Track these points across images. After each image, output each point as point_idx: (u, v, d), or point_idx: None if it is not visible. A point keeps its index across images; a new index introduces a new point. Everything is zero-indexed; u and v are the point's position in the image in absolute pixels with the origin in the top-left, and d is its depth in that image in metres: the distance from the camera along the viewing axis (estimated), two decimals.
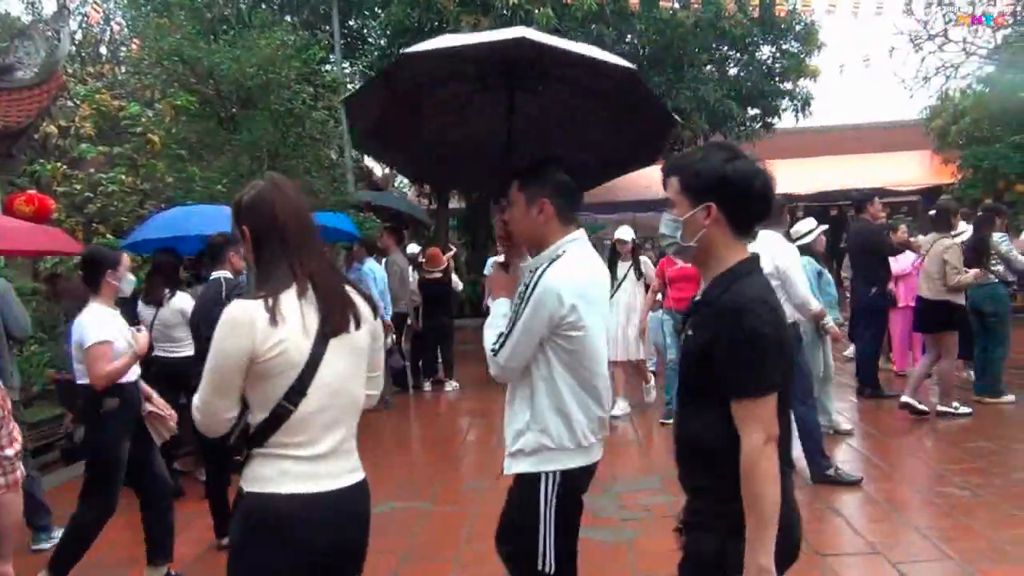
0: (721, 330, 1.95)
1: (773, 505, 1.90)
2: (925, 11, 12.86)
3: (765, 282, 2.07)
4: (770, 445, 1.91)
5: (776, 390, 1.94)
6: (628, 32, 14.07)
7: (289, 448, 2.06)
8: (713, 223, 2.02)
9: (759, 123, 17.47)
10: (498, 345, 2.60)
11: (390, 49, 14.86)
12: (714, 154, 2.06)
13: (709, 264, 2.08)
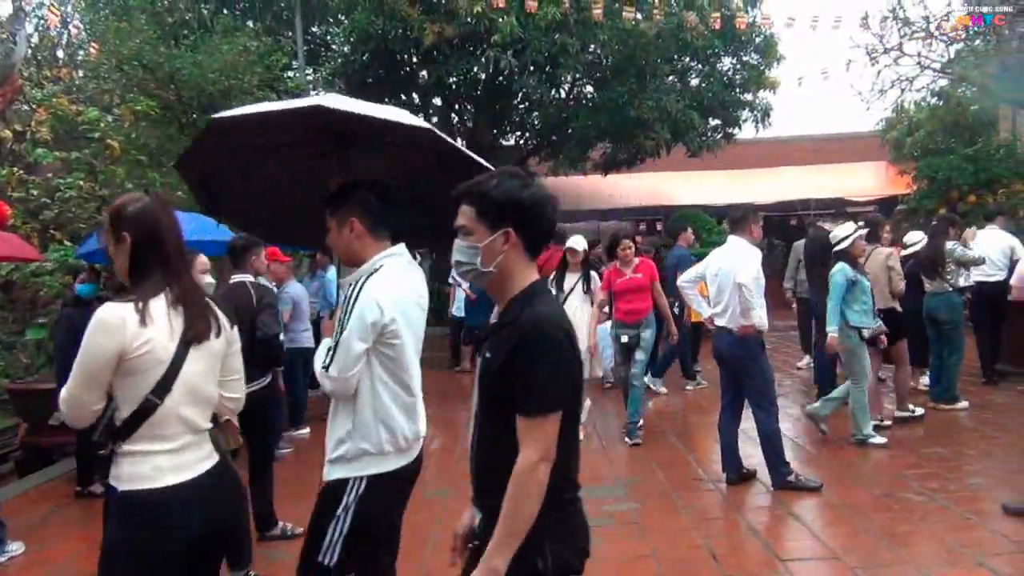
0: (519, 349, 1.99)
1: (527, 520, 1.95)
2: (881, 25, 13.09)
3: (554, 304, 2.14)
4: (543, 464, 1.94)
5: (561, 409, 1.98)
6: (591, 42, 14.16)
7: (155, 442, 2.26)
8: (511, 248, 2.08)
9: (720, 133, 17.69)
10: (328, 360, 2.70)
11: (353, 56, 14.82)
12: (509, 181, 2.10)
13: (505, 287, 2.12)
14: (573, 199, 21.05)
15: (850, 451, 6.68)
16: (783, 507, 5.35)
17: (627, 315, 7.19)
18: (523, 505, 1.95)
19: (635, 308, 7.20)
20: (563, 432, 2.01)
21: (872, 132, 21.14)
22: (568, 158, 18.63)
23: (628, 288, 7.21)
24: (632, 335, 7.17)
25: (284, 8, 14.39)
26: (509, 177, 2.12)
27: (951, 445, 6.51)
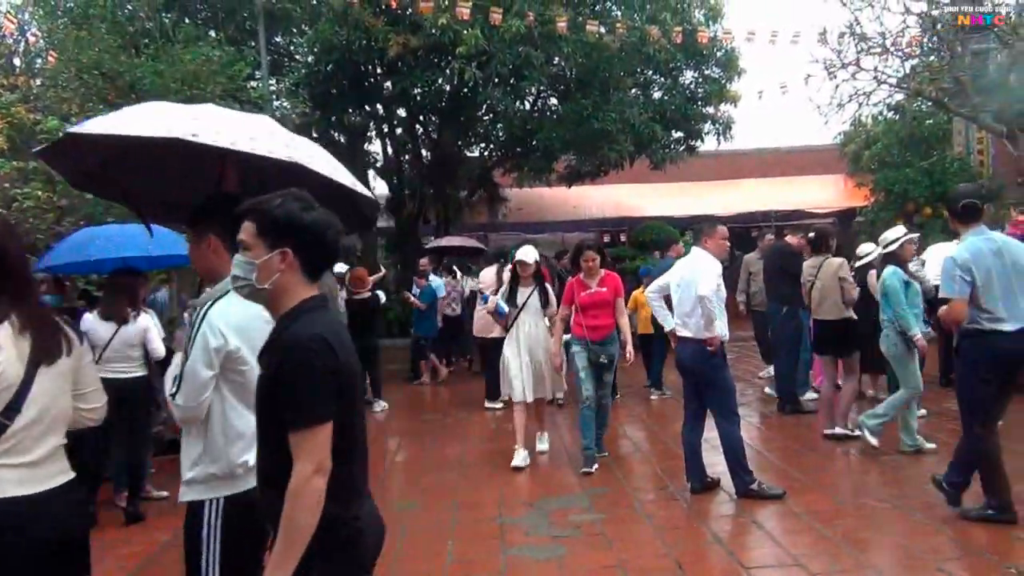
0: (279, 365, 2.04)
1: (305, 534, 1.98)
2: (838, 41, 13.34)
3: (328, 319, 2.18)
4: (318, 476, 1.98)
5: (326, 422, 2.01)
6: (556, 55, 14.24)
7: (6, 457, 2.30)
8: (288, 268, 2.13)
9: (683, 146, 17.86)
10: (175, 388, 2.70)
11: (317, 66, 14.75)
12: (291, 203, 2.16)
13: (280, 305, 2.17)
14: (537, 211, 21.16)
15: (812, 459, 6.77)
16: (746, 515, 5.40)
17: (592, 331, 6.67)
18: (300, 518, 1.98)
19: (601, 324, 6.71)
20: (342, 443, 2.06)
21: (831, 145, 21.55)
22: (533, 169, 18.69)
23: (593, 302, 6.70)
24: (604, 353, 6.67)
25: (247, 18, 14.28)
26: (293, 199, 2.17)
27: (911, 453, 6.62)
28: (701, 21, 15.82)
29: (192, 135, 2.79)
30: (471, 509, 5.81)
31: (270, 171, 3.12)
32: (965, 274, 4.71)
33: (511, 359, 7.02)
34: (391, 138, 18.77)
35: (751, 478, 5.73)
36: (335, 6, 13.35)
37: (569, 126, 15.13)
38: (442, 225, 18.86)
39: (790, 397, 8.50)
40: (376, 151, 19.73)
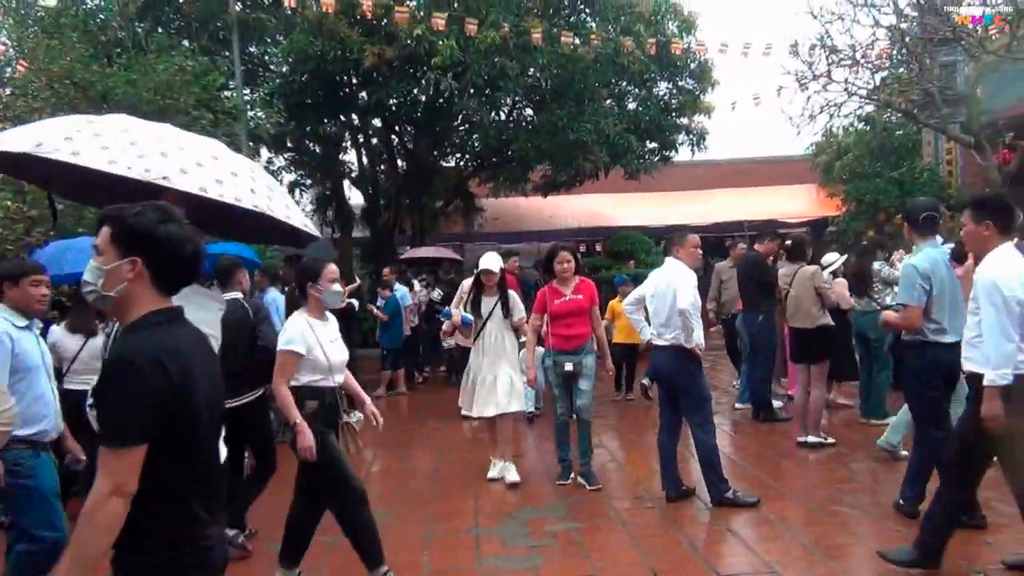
0: (100, 378, 2.04)
1: (94, 555, 1.93)
2: (810, 53, 13.49)
3: (173, 334, 2.12)
4: (115, 498, 1.92)
5: (135, 444, 1.95)
6: (531, 66, 14.31)
7: None
8: (136, 277, 2.10)
9: (657, 156, 17.97)
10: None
11: (292, 77, 14.70)
12: (149, 213, 2.13)
13: (127, 315, 2.13)
14: (513, 220, 21.20)
15: (786, 467, 6.82)
16: (722, 523, 5.43)
17: (566, 341, 6.33)
18: (89, 539, 1.92)
19: (576, 333, 6.35)
20: (175, 464, 2.02)
21: (803, 156, 21.78)
22: (508, 179, 18.75)
23: (567, 311, 6.34)
24: (575, 362, 6.30)
25: (221, 28, 14.22)
26: (153, 210, 2.15)
27: (882, 460, 6.69)
28: (675, 33, 15.97)
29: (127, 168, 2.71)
30: (447, 519, 5.79)
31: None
32: (925, 283, 4.83)
33: (473, 371, 6.73)
34: (366, 148, 18.75)
35: (726, 486, 5.77)
36: (310, 17, 13.33)
37: (544, 136, 15.20)
38: (418, 235, 18.85)
39: (765, 405, 8.57)
40: (351, 161, 19.70)
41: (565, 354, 6.33)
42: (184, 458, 2.06)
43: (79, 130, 2.78)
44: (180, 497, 2.05)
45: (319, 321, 4.36)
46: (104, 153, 2.74)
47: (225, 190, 2.90)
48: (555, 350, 6.40)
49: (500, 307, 6.65)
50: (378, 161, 19.15)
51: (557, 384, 6.47)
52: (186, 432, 2.06)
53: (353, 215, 19.98)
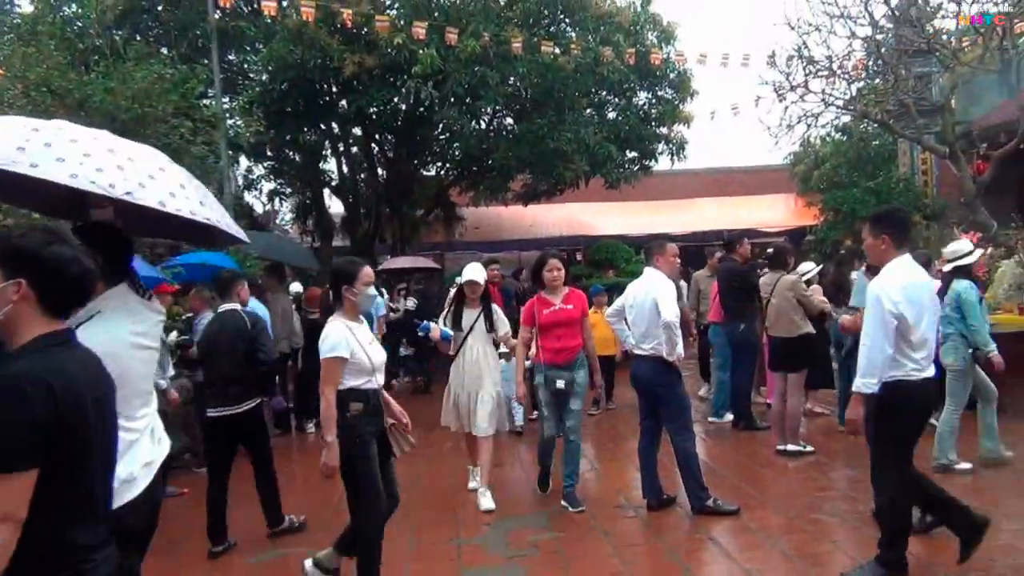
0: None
1: None
2: (787, 63, 13.60)
3: (63, 358, 2.10)
4: (3, 525, 1.89)
5: (17, 470, 1.91)
6: (511, 75, 14.36)
7: None
8: (22, 299, 2.08)
9: (637, 165, 18.06)
10: None
11: (271, 85, 14.67)
12: (35, 235, 2.13)
13: (15, 338, 2.11)
14: (494, 229, 21.23)
15: (765, 475, 6.85)
16: (702, 531, 5.45)
17: (556, 355, 5.97)
18: None
19: (566, 346, 6.01)
20: (61, 490, 1.99)
21: (781, 165, 21.97)
22: (489, 188, 18.77)
23: (556, 322, 5.97)
24: (566, 378, 5.96)
25: (200, 36, 14.16)
26: (40, 232, 2.15)
27: (860, 468, 6.71)
28: (654, 43, 16.07)
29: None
30: (428, 530, 5.77)
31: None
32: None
33: (454, 389, 6.41)
34: (346, 157, 18.73)
35: (706, 494, 5.78)
36: (290, 25, 13.32)
37: (525, 145, 15.24)
38: (398, 244, 18.82)
39: (744, 414, 8.61)
40: (331, 170, 19.67)
41: (556, 369, 5.97)
42: (71, 483, 2.03)
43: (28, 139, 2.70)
44: (64, 522, 2.02)
45: (355, 324, 4.35)
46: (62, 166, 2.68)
47: (181, 204, 2.87)
48: (545, 364, 6.02)
49: (483, 320, 6.35)
50: (358, 170, 19.14)
51: (547, 401, 6.08)
52: (74, 456, 2.03)
53: (333, 224, 19.94)
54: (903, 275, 4.21)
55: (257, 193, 20.24)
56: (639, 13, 15.82)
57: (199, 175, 10.12)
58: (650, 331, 5.80)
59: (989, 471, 6.42)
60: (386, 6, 14.91)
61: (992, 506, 5.45)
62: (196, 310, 8.03)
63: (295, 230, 22.30)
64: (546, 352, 6.00)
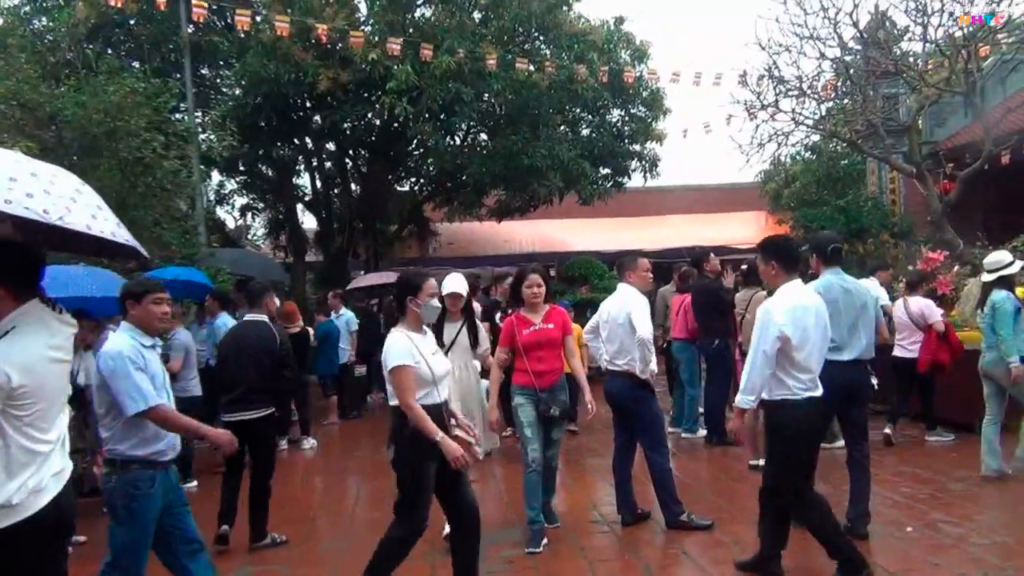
0: None
1: None
2: (758, 83, 13.79)
3: None
4: None
5: None
6: (485, 91, 14.44)
7: None
8: None
9: (610, 182, 18.20)
10: None
11: (245, 99, 14.63)
12: None
13: None
14: (468, 245, 21.25)
15: (739, 489, 6.88)
16: (676, 546, 5.46)
17: (539, 377, 5.54)
18: None
19: (548, 368, 5.59)
20: None
21: (752, 183, 22.22)
22: (463, 204, 18.81)
23: (537, 342, 5.57)
24: (555, 404, 5.57)
25: (173, 50, 14.11)
26: None
27: (833, 482, 6.78)
28: (627, 61, 16.25)
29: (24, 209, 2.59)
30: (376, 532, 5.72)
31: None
32: None
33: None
34: (320, 172, 18.69)
35: (680, 509, 5.80)
36: (264, 40, 13.30)
37: (499, 161, 15.31)
38: (372, 259, 18.78)
39: (718, 429, 8.64)
40: (305, 185, 19.61)
41: (543, 393, 5.53)
42: None
43: None
44: None
45: (418, 335, 4.34)
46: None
47: (103, 226, 2.87)
48: (525, 387, 5.57)
49: (466, 335, 6.05)
50: (332, 185, 19.11)
51: (529, 425, 5.56)
52: None
53: (306, 239, 19.86)
54: (791, 298, 4.45)
55: (229, 208, 20.16)
56: (613, 32, 15.99)
57: (171, 189, 10.13)
58: (624, 347, 5.80)
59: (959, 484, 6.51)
60: (361, 22, 14.96)
61: (966, 519, 5.55)
62: (168, 328, 7.94)
63: (267, 245, 22.18)
64: (529, 375, 5.54)
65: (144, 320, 3.99)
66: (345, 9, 14.44)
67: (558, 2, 14.85)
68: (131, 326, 3.98)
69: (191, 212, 11.77)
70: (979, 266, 10.02)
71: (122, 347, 3.85)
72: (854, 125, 14.42)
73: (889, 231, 15.27)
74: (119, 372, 3.78)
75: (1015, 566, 4.71)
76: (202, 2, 11.55)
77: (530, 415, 5.55)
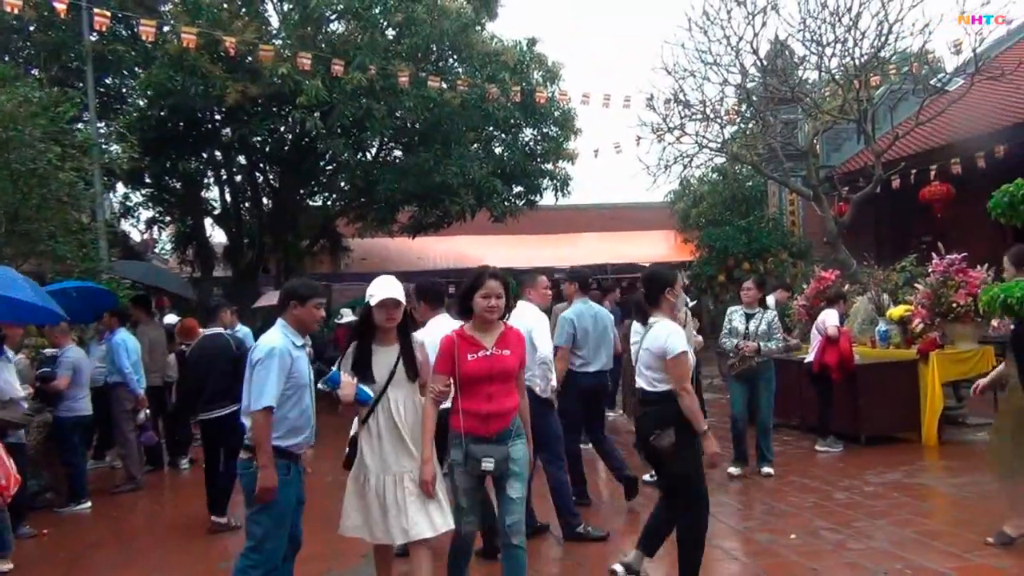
0: None
1: None
2: (665, 106, 14.23)
3: None
4: None
5: None
6: (398, 108, 14.48)
7: None
8: None
9: (523, 200, 18.38)
10: None
11: (150, 111, 14.31)
12: None
13: None
14: (381, 261, 21.13)
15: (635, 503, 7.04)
16: (572, 558, 5.57)
17: (485, 422, 4.07)
18: None
19: (500, 408, 4.11)
20: None
21: (663, 203, 22.80)
22: (376, 220, 18.75)
23: (488, 373, 4.09)
24: (497, 456, 4.06)
25: (74, 58, 13.72)
26: None
27: (728, 494, 7.04)
28: (539, 81, 16.48)
29: None
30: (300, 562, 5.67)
31: None
32: (571, 328, 6.57)
33: (366, 471, 4.17)
34: (230, 185, 18.36)
35: (577, 521, 5.93)
36: (170, 51, 13.05)
37: (411, 178, 15.35)
38: (282, 275, 18.52)
39: None
40: (214, 198, 19.23)
41: (482, 443, 4.07)
42: None
43: None
44: None
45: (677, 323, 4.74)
46: None
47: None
48: (468, 435, 4.08)
49: (403, 364, 4.20)
50: (242, 199, 18.79)
51: (466, 488, 4.17)
52: None
53: (215, 254, 19.45)
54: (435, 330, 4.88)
55: (135, 221, 19.57)
56: (525, 52, 16.22)
57: (68, 201, 9.82)
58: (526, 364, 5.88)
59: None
60: (272, 35, 14.83)
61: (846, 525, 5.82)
62: (58, 344, 7.76)
63: (175, 259, 21.63)
64: (470, 417, 4.07)
65: (304, 321, 4.23)
66: (256, 22, 14.32)
67: (471, 22, 15.02)
68: (286, 324, 4.20)
69: (92, 224, 11.41)
70: (868, 285, 10.56)
71: (276, 343, 4.08)
72: (756, 149, 14.99)
73: (788, 251, 15.90)
74: (264, 365, 4.01)
75: (884, 568, 4.98)
76: (105, 11, 11.29)
77: (466, 479, 4.14)
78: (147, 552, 6.41)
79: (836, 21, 12.46)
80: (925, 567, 4.98)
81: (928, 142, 14.51)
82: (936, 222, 13.95)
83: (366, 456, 4.17)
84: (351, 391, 4.08)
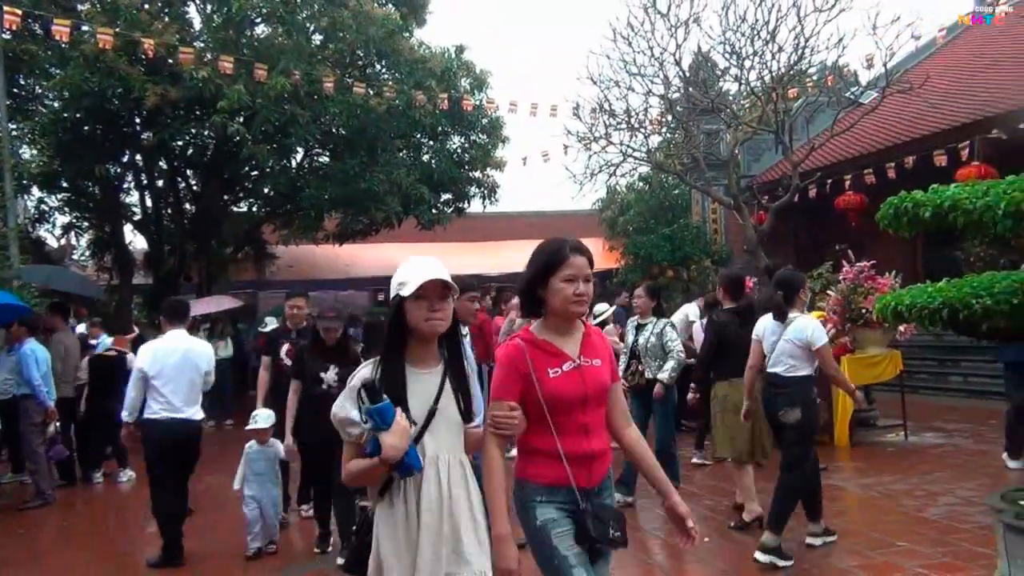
0: None
1: None
2: (591, 116, 14.41)
3: None
4: None
5: None
6: (322, 114, 14.34)
7: None
8: None
9: (451, 208, 18.40)
10: None
11: (66, 112, 13.89)
12: None
13: None
14: (308, 268, 20.91)
15: None
16: None
17: (587, 467, 2.70)
18: None
19: (598, 448, 2.76)
20: None
21: (591, 210, 23.06)
22: (302, 227, 18.52)
23: (580, 394, 2.71)
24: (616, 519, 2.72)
25: None
26: None
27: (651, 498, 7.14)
28: (467, 89, 16.54)
29: None
30: None
31: None
32: None
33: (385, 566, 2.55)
34: (151, 190, 17.92)
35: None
36: (87, 51, 12.70)
37: (337, 185, 15.22)
38: (205, 283, 18.13)
39: None
40: (134, 203, 18.74)
41: (584, 495, 2.67)
42: None
43: None
44: None
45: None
46: None
47: None
48: (558, 488, 2.67)
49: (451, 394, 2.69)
50: (163, 204, 18.35)
51: (577, 558, 2.61)
52: None
53: (134, 260, 18.93)
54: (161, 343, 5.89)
55: (50, 226, 18.93)
56: (452, 60, 16.27)
57: None
58: None
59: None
60: (194, 37, 14.55)
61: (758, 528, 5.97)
62: None
63: (92, 267, 20.97)
64: (563, 462, 2.66)
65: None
66: (177, 24, 14.04)
67: (398, 28, 14.99)
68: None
69: (4, 230, 11.01)
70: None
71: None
72: (679, 158, 15.28)
73: (710, 258, 16.25)
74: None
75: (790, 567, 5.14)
76: (15, 9, 10.92)
77: (570, 541, 2.62)
78: (60, 569, 6.20)
79: (755, 35, 12.82)
80: (832, 565, 5.15)
81: (843, 153, 15.02)
82: (851, 230, 14.40)
83: (386, 554, 2.55)
84: (403, 445, 2.47)
